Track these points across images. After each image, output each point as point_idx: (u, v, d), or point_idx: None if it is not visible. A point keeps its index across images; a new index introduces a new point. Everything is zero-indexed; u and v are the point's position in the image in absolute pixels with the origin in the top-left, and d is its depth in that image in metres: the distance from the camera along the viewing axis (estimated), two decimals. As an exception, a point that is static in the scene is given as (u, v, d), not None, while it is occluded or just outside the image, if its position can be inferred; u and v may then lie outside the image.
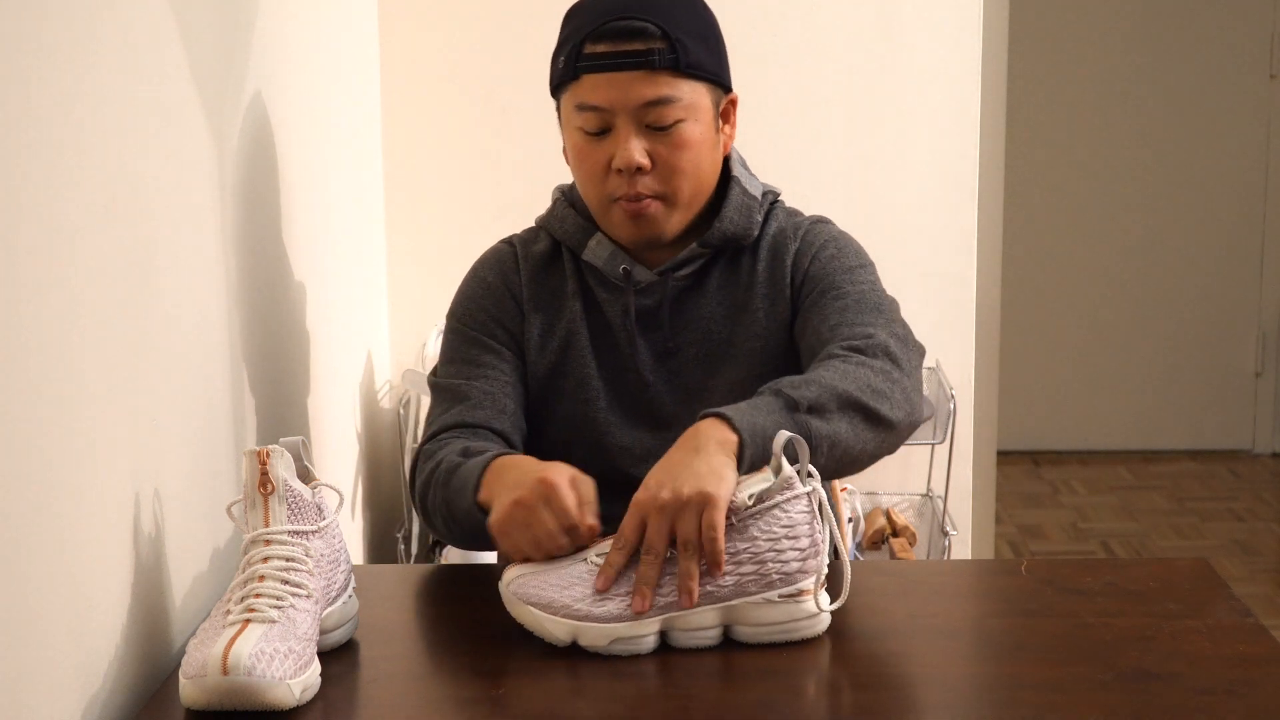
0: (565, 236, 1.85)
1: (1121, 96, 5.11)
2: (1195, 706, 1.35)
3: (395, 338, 2.97)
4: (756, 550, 1.46)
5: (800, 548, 1.47)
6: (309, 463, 1.52)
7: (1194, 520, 4.58)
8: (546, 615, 1.46)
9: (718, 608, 1.46)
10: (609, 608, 1.45)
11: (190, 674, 1.32)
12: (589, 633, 1.45)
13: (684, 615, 1.46)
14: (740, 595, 1.46)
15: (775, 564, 1.46)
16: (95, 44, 1.35)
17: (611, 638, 1.45)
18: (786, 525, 1.46)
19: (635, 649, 1.45)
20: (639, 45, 1.72)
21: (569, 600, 1.46)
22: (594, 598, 1.45)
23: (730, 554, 1.46)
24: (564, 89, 1.78)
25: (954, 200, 2.91)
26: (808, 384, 1.59)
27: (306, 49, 2.24)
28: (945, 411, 2.75)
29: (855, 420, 1.59)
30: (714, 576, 1.46)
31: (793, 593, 1.47)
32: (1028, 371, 5.15)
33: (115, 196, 1.39)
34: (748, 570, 1.46)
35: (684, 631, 1.46)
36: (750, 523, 1.46)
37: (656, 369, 1.83)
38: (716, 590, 1.46)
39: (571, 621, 1.45)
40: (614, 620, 1.45)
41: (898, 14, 2.87)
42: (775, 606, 1.46)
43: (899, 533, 2.79)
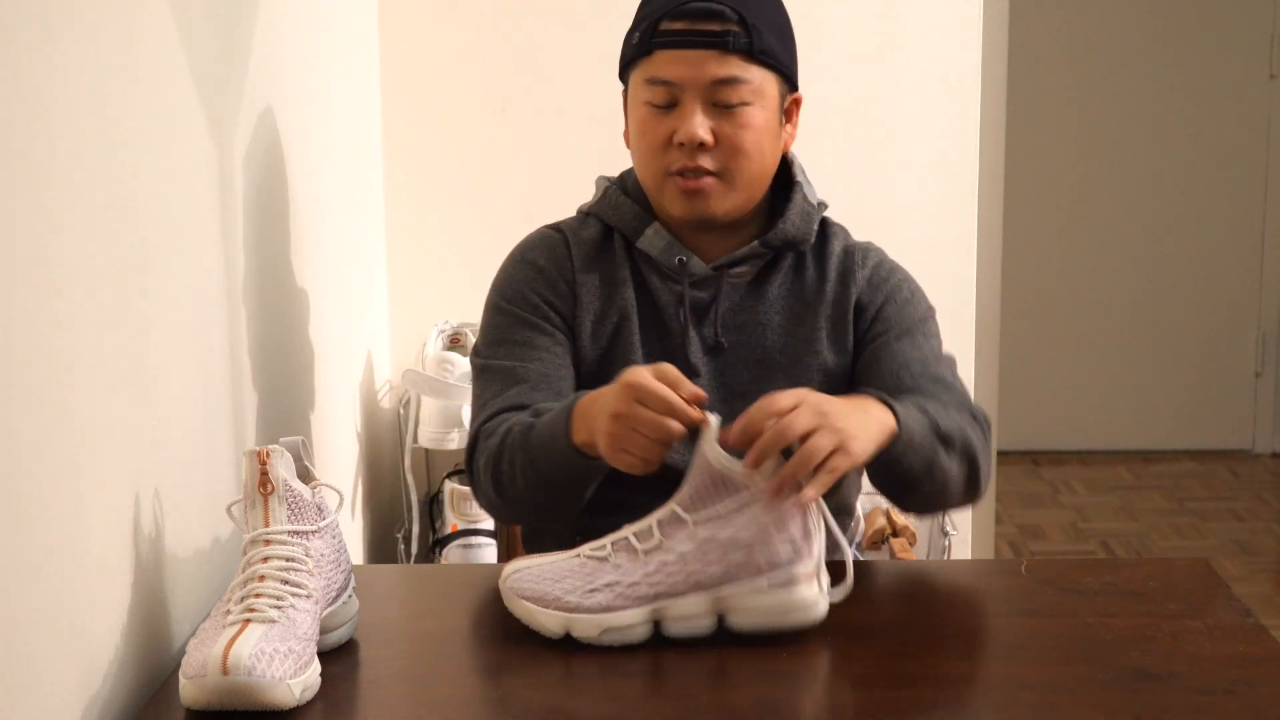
0: (620, 223, 1.86)
1: (1121, 96, 5.10)
2: (1195, 706, 1.35)
3: (395, 338, 2.97)
4: (744, 538, 1.46)
5: (790, 538, 1.47)
6: (309, 463, 1.52)
7: (1194, 520, 4.58)
8: (539, 608, 1.48)
9: (708, 595, 1.47)
10: (599, 599, 1.47)
11: (190, 674, 1.32)
12: (580, 624, 1.46)
13: (674, 603, 1.47)
14: (729, 582, 1.47)
15: (763, 553, 1.46)
16: (96, 46, 1.35)
17: (602, 628, 1.46)
18: (774, 516, 1.47)
19: (626, 639, 1.46)
20: (715, 26, 1.75)
21: (560, 593, 1.48)
22: (584, 590, 1.47)
23: (719, 542, 1.47)
24: (635, 65, 1.80)
25: (954, 200, 2.91)
26: (946, 412, 1.68)
27: (307, 50, 2.24)
28: (945, 411, 2.75)
29: (962, 470, 1.69)
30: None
31: (784, 580, 1.47)
32: (1028, 371, 5.14)
33: (115, 198, 1.39)
34: (735, 557, 1.46)
35: (675, 620, 1.47)
36: (739, 513, 1.47)
37: (707, 362, 1.84)
38: (706, 578, 1.47)
39: (563, 614, 1.47)
40: (604, 611, 1.46)
41: (898, 15, 2.87)
42: (766, 594, 1.47)
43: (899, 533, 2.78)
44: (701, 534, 1.48)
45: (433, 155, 2.93)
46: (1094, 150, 5.14)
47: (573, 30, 2.87)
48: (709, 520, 1.48)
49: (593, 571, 1.49)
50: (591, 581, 1.48)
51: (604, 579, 1.48)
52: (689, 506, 1.49)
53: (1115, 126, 5.12)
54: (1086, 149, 5.13)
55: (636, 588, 1.47)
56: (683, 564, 1.47)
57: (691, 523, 1.48)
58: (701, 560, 1.47)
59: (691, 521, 1.48)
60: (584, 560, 1.50)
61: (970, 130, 2.90)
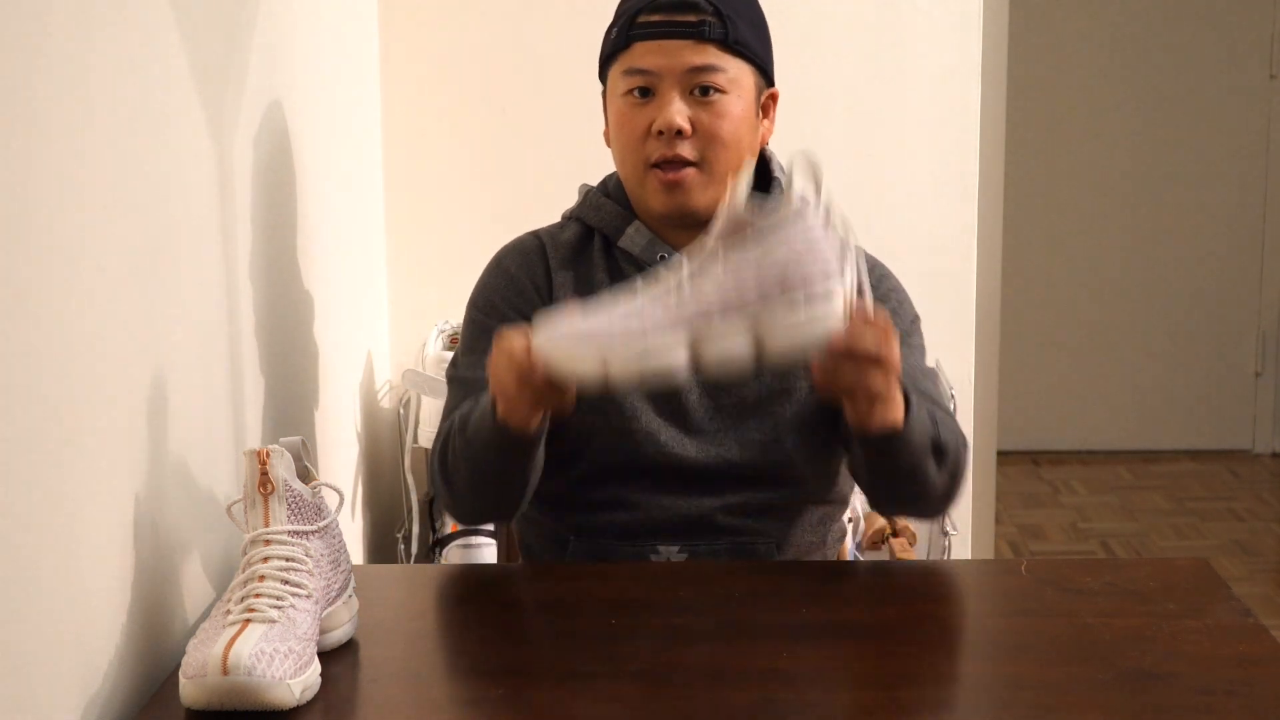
0: (601, 223, 1.87)
1: (1121, 96, 5.11)
2: (1195, 706, 1.35)
3: (395, 338, 2.97)
4: (779, 260, 1.46)
5: (822, 258, 1.47)
6: (309, 463, 1.52)
7: (1194, 520, 4.58)
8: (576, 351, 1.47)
9: (745, 315, 1.47)
10: (634, 326, 1.46)
11: (190, 674, 1.32)
12: (618, 360, 1.46)
13: (710, 329, 1.47)
14: (765, 300, 1.47)
15: (797, 271, 1.46)
16: (97, 46, 1.35)
17: (642, 361, 1.45)
18: (804, 241, 1.47)
19: (666, 363, 1.46)
20: (691, 17, 1.78)
21: (595, 329, 1.47)
22: (621, 326, 1.47)
23: (754, 265, 1.47)
24: (614, 60, 1.82)
25: (954, 200, 2.91)
26: (946, 425, 1.71)
27: (307, 50, 2.24)
28: (945, 411, 2.75)
29: (944, 483, 1.71)
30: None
31: (819, 294, 1.47)
32: (1028, 371, 5.15)
33: (116, 198, 1.39)
34: (770, 274, 1.46)
35: (713, 344, 1.47)
36: (770, 238, 1.47)
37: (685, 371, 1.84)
38: (740, 299, 1.47)
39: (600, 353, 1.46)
40: (642, 343, 1.45)
41: (898, 14, 2.87)
42: (802, 309, 1.47)
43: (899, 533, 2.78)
44: (734, 258, 1.48)
45: (433, 155, 2.93)
46: (1094, 150, 5.14)
47: (573, 30, 2.87)
48: (739, 248, 1.48)
49: (627, 309, 1.48)
50: (626, 317, 1.47)
51: (639, 313, 1.47)
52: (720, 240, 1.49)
53: (1115, 126, 5.12)
54: (1086, 148, 5.14)
55: (673, 318, 1.47)
56: (717, 287, 1.47)
57: (723, 253, 1.48)
58: (735, 281, 1.47)
59: (723, 252, 1.48)
60: (615, 299, 1.50)
61: (970, 130, 2.90)
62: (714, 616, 1.58)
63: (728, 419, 1.82)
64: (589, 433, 1.81)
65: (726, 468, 1.81)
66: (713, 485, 1.81)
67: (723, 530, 1.81)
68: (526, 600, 1.73)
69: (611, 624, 1.54)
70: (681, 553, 1.81)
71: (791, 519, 1.84)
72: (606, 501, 1.82)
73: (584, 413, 1.83)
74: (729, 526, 1.81)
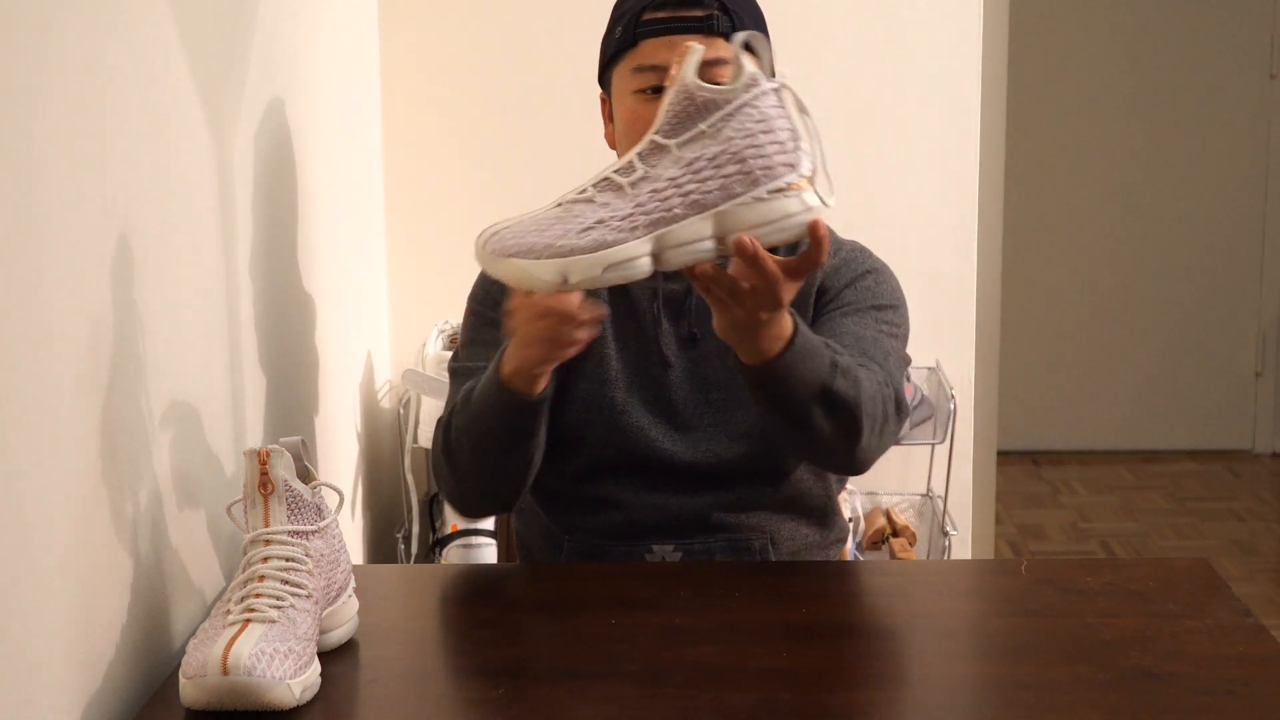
0: None
1: (1121, 96, 5.11)
2: (1195, 706, 1.35)
3: (395, 338, 2.97)
4: (735, 149, 1.40)
5: (779, 140, 1.41)
6: (309, 463, 1.52)
7: (1194, 520, 4.58)
8: (530, 261, 1.37)
9: (707, 216, 1.40)
10: (593, 236, 1.38)
11: (190, 674, 1.32)
12: (579, 265, 1.37)
13: (674, 230, 1.39)
14: (728, 198, 1.40)
15: (757, 160, 1.40)
16: (98, 46, 1.35)
17: (604, 265, 1.37)
18: (759, 120, 1.40)
19: (629, 274, 1.39)
20: (698, 11, 1.77)
21: (550, 239, 1.38)
22: (576, 232, 1.38)
23: (709, 159, 1.40)
24: (619, 59, 1.81)
25: (954, 200, 2.91)
26: (851, 366, 1.66)
27: (307, 50, 2.24)
28: (945, 411, 2.75)
29: (835, 428, 1.66)
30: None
31: (780, 188, 1.40)
32: (1028, 371, 5.15)
33: (116, 198, 1.39)
34: (730, 170, 1.40)
35: (677, 248, 1.40)
36: (723, 125, 1.40)
37: (680, 354, 1.85)
38: (703, 197, 1.40)
39: (558, 260, 1.37)
40: (602, 247, 1.37)
41: (898, 15, 2.87)
42: (764, 204, 1.40)
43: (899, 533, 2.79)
44: (688, 155, 1.40)
45: (433, 155, 2.93)
46: (1094, 150, 5.14)
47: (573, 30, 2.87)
48: (693, 140, 1.40)
49: (580, 214, 1.39)
50: (581, 223, 1.38)
51: (594, 218, 1.38)
52: (669, 133, 1.41)
53: (1115, 126, 5.12)
54: (1086, 149, 5.13)
55: (631, 219, 1.39)
56: (675, 188, 1.40)
57: (675, 146, 1.41)
58: (695, 180, 1.40)
59: (675, 145, 1.41)
60: (566, 207, 1.39)
61: (970, 130, 2.90)
62: (714, 616, 1.58)
63: (716, 413, 1.82)
64: (581, 428, 1.82)
65: (717, 464, 1.81)
66: (704, 483, 1.82)
67: (717, 528, 1.82)
68: (526, 600, 1.73)
69: (611, 624, 1.54)
70: (676, 551, 1.81)
71: (785, 515, 1.84)
72: (600, 500, 1.83)
73: (575, 409, 1.84)
74: (723, 524, 1.82)
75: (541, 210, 1.41)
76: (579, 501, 1.84)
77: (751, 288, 1.47)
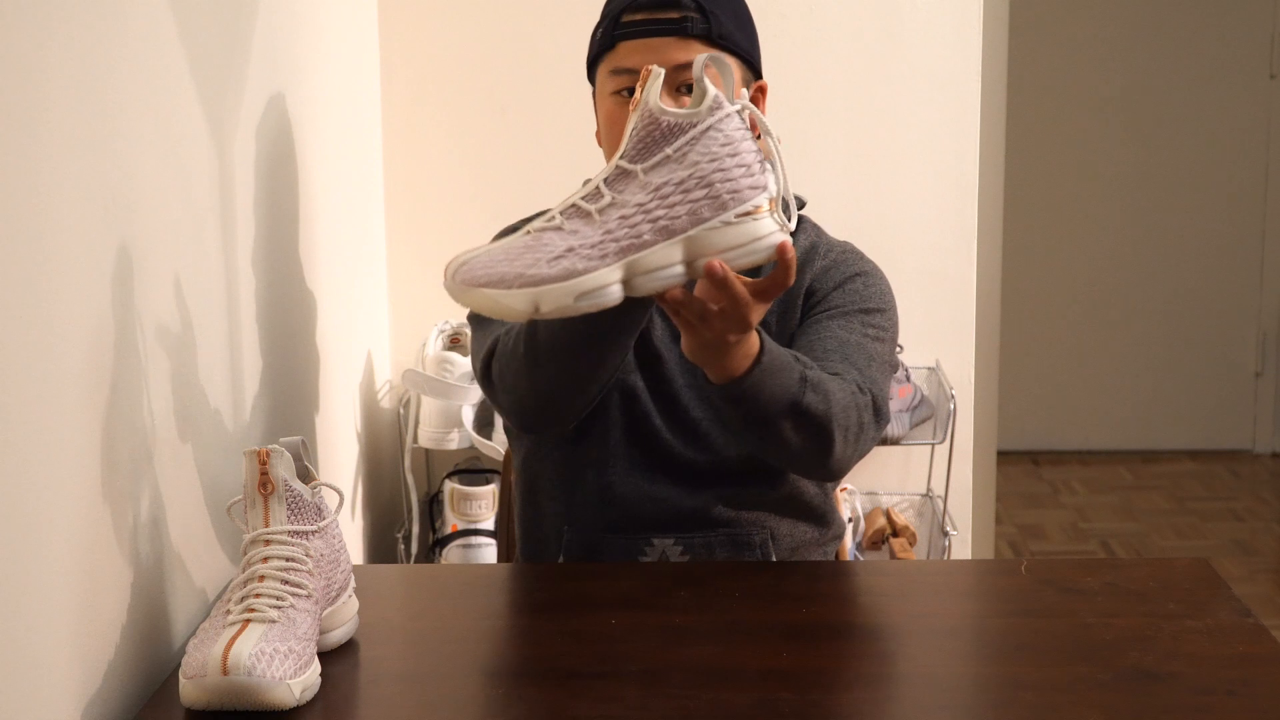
0: None
1: (1121, 96, 5.11)
2: (1195, 706, 1.35)
3: (395, 338, 2.97)
4: (702, 174, 1.40)
5: (745, 163, 1.41)
6: (309, 463, 1.52)
7: (1194, 520, 4.58)
8: (501, 291, 1.37)
9: (677, 241, 1.40)
10: (564, 265, 1.38)
11: (190, 674, 1.32)
12: (550, 294, 1.37)
13: (644, 256, 1.39)
14: (697, 223, 1.40)
15: (724, 184, 1.40)
16: (95, 44, 1.35)
17: (575, 294, 1.37)
18: (725, 143, 1.41)
19: (601, 301, 1.38)
20: (673, 14, 1.78)
21: (520, 269, 1.37)
22: (546, 261, 1.38)
23: (676, 184, 1.40)
24: (600, 61, 1.83)
25: (954, 200, 2.91)
26: (822, 379, 1.65)
27: (307, 49, 2.24)
28: (945, 411, 2.75)
29: (804, 435, 1.64)
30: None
31: (748, 211, 1.41)
32: (1028, 371, 5.15)
33: (116, 197, 1.39)
34: (698, 195, 1.40)
35: (647, 274, 1.40)
36: (689, 149, 1.40)
37: (670, 347, 1.86)
38: (672, 223, 1.40)
39: (529, 289, 1.37)
40: (572, 276, 1.37)
41: (898, 14, 2.87)
42: (733, 228, 1.41)
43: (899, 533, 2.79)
44: (655, 180, 1.40)
45: (433, 155, 2.93)
46: (1094, 150, 5.14)
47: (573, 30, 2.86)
48: (659, 165, 1.41)
49: (548, 243, 1.38)
50: (550, 251, 1.37)
51: (563, 246, 1.38)
52: (635, 158, 1.41)
53: (1115, 126, 5.12)
54: (1086, 148, 5.13)
55: (601, 246, 1.39)
56: (644, 213, 1.40)
57: (641, 172, 1.41)
58: (663, 205, 1.40)
59: (641, 171, 1.41)
60: (535, 235, 1.39)
61: (970, 130, 2.90)
62: (714, 616, 1.58)
63: (712, 407, 1.82)
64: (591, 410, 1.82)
65: (717, 461, 1.81)
66: (704, 479, 1.82)
67: (717, 522, 1.82)
68: (526, 600, 1.73)
69: (611, 624, 1.54)
70: (676, 545, 1.81)
71: (784, 513, 1.85)
72: (601, 492, 1.83)
73: None
74: (723, 519, 1.82)
75: (510, 239, 1.41)
76: (580, 493, 1.84)
77: (720, 310, 1.48)
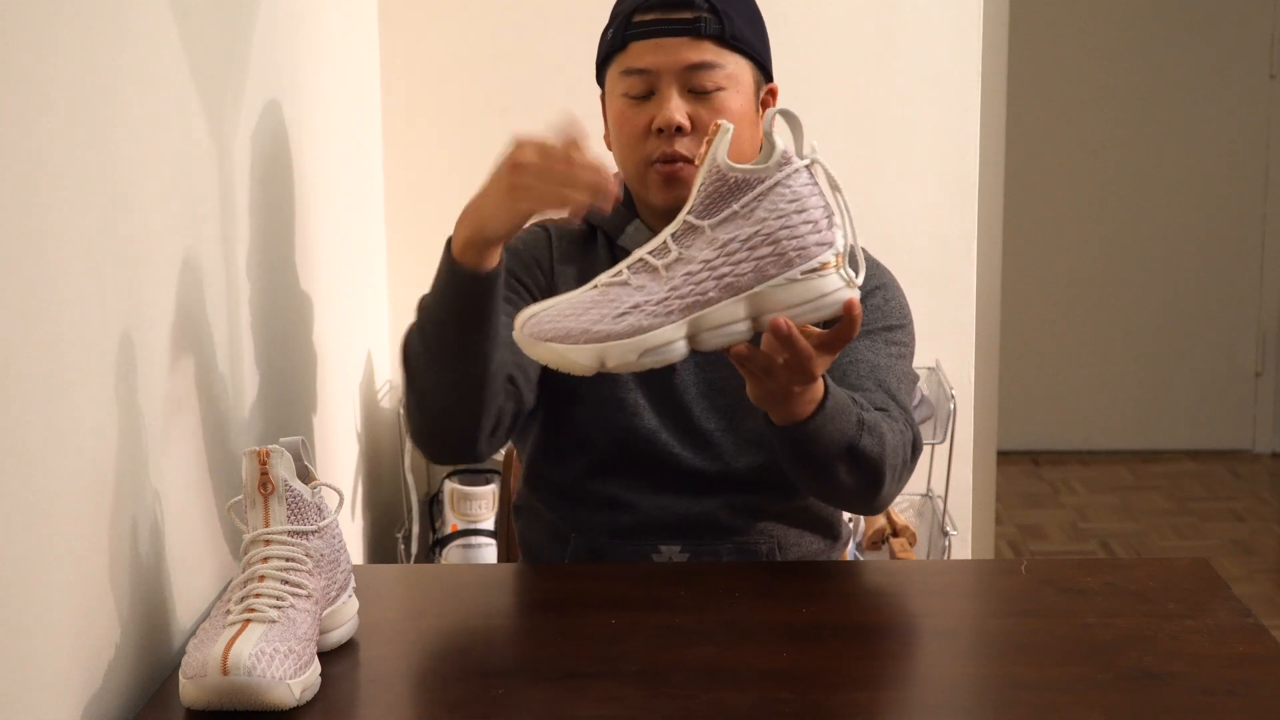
0: (603, 221, 1.86)
1: (1121, 96, 5.11)
2: (1195, 706, 1.35)
3: (395, 338, 2.96)
4: (769, 231, 1.41)
5: (812, 219, 1.42)
6: (309, 463, 1.52)
7: (1194, 520, 4.58)
8: (567, 346, 1.40)
9: (742, 299, 1.42)
10: (629, 321, 1.40)
11: (190, 674, 1.32)
12: (615, 351, 1.39)
13: (709, 313, 1.41)
14: (762, 280, 1.41)
15: (790, 240, 1.41)
16: (95, 43, 1.35)
17: (639, 351, 1.40)
18: (792, 199, 1.42)
19: (665, 357, 1.41)
20: (687, 14, 1.77)
21: (587, 324, 1.40)
22: (612, 317, 1.40)
23: (743, 240, 1.41)
24: (611, 61, 1.82)
25: (954, 201, 2.91)
26: (877, 422, 1.66)
27: (307, 50, 2.24)
28: (945, 411, 2.75)
29: (856, 476, 1.66)
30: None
31: (814, 268, 1.42)
32: (1028, 371, 5.14)
33: (116, 198, 1.39)
34: (764, 253, 1.41)
35: (712, 331, 1.42)
36: (756, 205, 1.41)
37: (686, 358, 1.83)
38: (737, 280, 1.41)
39: (594, 345, 1.40)
40: (637, 333, 1.40)
41: (898, 14, 2.87)
42: (799, 285, 1.42)
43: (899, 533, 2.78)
44: (722, 236, 1.41)
45: (433, 155, 2.93)
46: (1094, 150, 5.14)
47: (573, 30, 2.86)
48: (726, 221, 1.42)
49: (615, 298, 1.41)
50: (617, 307, 1.40)
51: (629, 302, 1.40)
52: (702, 213, 1.43)
53: (1115, 126, 5.12)
54: (1086, 149, 5.13)
55: (666, 303, 1.41)
56: (709, 270, 1.41)
57: (708, 228, 1.42)
58: (729, 262, 1.41)
59: (708, 227, 1.42)
60: (603, 290, 1.42)
61: (970, 130, 2.90)
62: (714, 616, 1.58)
63: (724, 419, 1.82)
64: (589, 427, 1.82)
65: (726, 472, 1.81)
66: (713, 487, 1.81)
67: (725, 530, 1.81)
68: (526, 600, 1.73)
69: (611, 624, 1.54)
70: (683, 553, 1.81)
71: (792, 524, 1.84)
72: (607, 500, 1.82)
73: (584, 407, 1.83)
74: (731, 527, 1.81)
75: (578, 293, 1.43)
76: (586, 499, 1.83)
77: (785, 363, 1.49)
